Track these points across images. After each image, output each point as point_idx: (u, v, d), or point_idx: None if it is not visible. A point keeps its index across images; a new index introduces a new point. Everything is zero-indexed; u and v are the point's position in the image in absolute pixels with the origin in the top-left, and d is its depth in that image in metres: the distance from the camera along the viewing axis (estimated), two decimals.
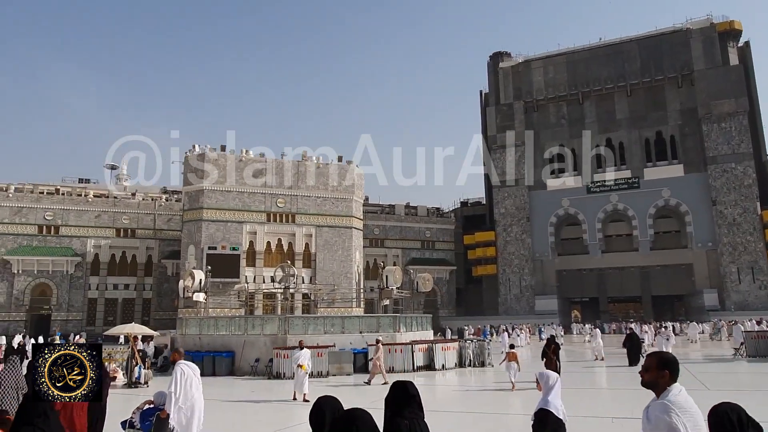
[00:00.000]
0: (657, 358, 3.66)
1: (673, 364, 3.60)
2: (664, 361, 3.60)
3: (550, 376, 4.99)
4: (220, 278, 46.00)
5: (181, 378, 7.91)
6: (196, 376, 8.13)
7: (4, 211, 57.15)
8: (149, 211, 62.70)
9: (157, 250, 62.07)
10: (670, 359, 3.64)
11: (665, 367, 3.56)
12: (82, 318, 58.36)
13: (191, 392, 7.95)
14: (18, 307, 56.15)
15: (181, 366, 8.12)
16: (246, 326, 24.82)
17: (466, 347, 24.62)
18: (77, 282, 58.81)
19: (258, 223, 53.84)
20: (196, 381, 8.11)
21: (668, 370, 3.55)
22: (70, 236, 59.08)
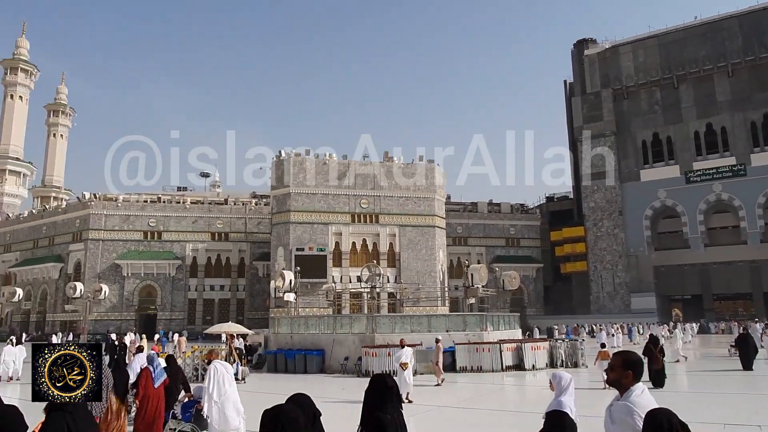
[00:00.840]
0: (621, 358, 3.68)
1: (636, 364, 3.61)
2: (628, 362, 3.62)
3: (563, 377, 4.87)
4: (308, 279, 47.41)
5: (214, 375, 8.66)
6: (228, 373, 8.89)
7: (114, 220, 62.29)
8: (240, 215, 65.90)
9: (249, 253, 65.08)
10: (634, 360, 3.64)
11: (629, 367, 3.58)
12: (184, 317, 62.35)
13: (224, 388, 8.66)
14: (128, 307, 61.01)
15: (215, 365, 8.90)
16: (335, 325, 25.39)
17: (557, 347, 23.76)
18: (178, 284, 62.93)
19: (343, 224, 54.99)
20: (228, 377, 8.84)
21: (632, 371, 3.58)
22: (171, 241, 63.35)
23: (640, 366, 3.65)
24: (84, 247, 61.60)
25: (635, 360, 3.67)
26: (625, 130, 68.65)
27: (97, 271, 60.35)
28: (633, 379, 3.60)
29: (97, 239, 61.44)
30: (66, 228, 65.34)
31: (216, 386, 8.55)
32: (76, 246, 63.01)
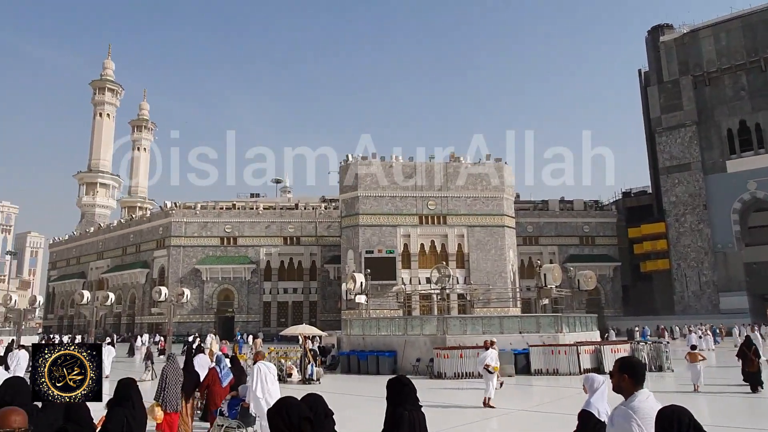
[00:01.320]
0: (619, 362, 3.71)
1: (632, 367, 3.60)
2: (623, 365, 3.63)
3: (596, 380, 4.98)
4: (378, 281, 47.74)
5: (257, 375, 9.45)
6: (271, 373, 9.67)
7: (193, 227, 65.50)
8: (311, 220, 67.46)
9: (320, 256, 66.49)
10: (629, 363, 3.66)
11: (624, 371, 3.58)
12: (260, 320, 64.56)
13: (267, 386, 9.41)
14: (208, 310, 63.93)
15: (259, 365, 9.65)
16: (406, 327, 25.42)
17: (639, 349, 22.63)
18: (254, 287, 65.26)
19: (411, 226, 55.05)
20: (271, 377, 9.61)
21: (627, 374, 3.56)
22: (246, 246, 65.82)
23: (635, 368, 3.62)
24: (167, 254, 65.19)
25: (630, 363, 3.69)
26: (708, 119, 64.49)
27: (179, 276, 63.66)
28: (631, 382, 3.58)
29: (178, 246, 64.85)
30: (150, 236, 69.42)
31: (260, 385, 9.31)
32: (159, 252, 66.79)
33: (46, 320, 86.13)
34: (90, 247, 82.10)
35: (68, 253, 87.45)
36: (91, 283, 77.10)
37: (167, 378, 9.38)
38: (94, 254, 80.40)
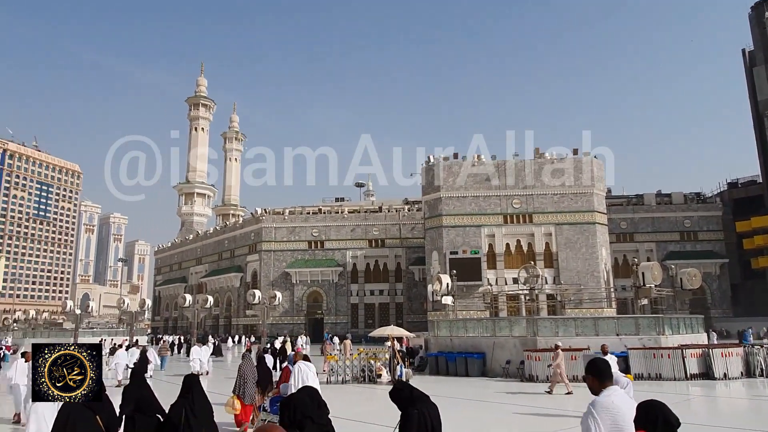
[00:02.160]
0: (587, 365, 4.06)
1: (596, 368, 3.92)
2: (588, 367, 4.00)
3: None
4: (463, 282, 47.18)
5: (298, 373, 10.29)
6: (311, 371, 10.52)
7: (282, 232, 68.11)
8: (394, 222, 67.99)
9: (405, 258, 66.85)
10: (593, 364, 3.97)
11: (589, 372, 3.95)
12: (348, 321, 65.91)
13: (308, 384, 9.95)
14: (298, 312, 66.18)
15: (299, 365, 10.57)
16: (494, 328, 24.95)
17: (754, 353, 20.76)
18: (341, 289, 66.74)
19: (495, 225, 53.99)
20: (311, 375, 10.42)
21: (591, 375, 3.91)
22: (333, 249, 67.49)
23: (599, 368, 3.94)
24: (258, 258, 68.23)
25: (595, 365, 3.99)
26: None
27: (270, 279, 66.40)
28: (598, 381, 3.90)
29: (269, 250, 67.68)
30: (243, 241, 72.98)
31: (301, 383, 9.93)
32: (252, 257, 70.04)
33: (154, 322, 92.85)
34: (190, 254, 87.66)
35: (171, 259, 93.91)
36: (191, 286, 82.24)
37: (245, 374, 11.16)
38: (194, 260, 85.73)
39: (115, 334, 49.15)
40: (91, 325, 76.50)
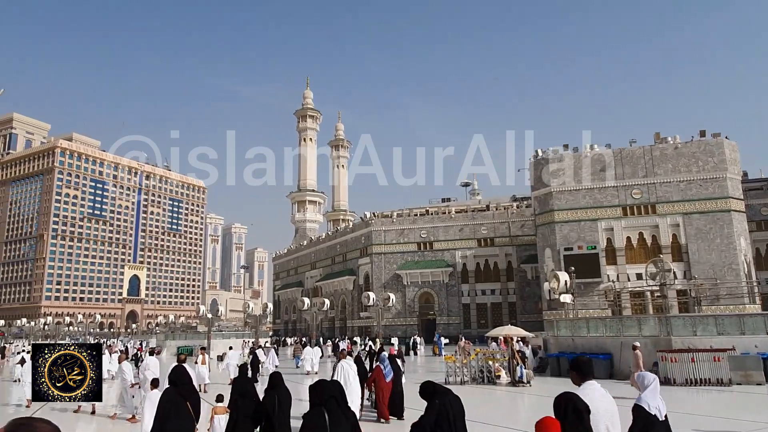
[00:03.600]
0: (571, 362, 4.52)
1: (579, 364, 4.41)
2: (572, 364, 4.48)
3: (647, 377, 5.47)
4: (580, 279, 44.98)
5: (341, 372, 11.46)
6: (351, 369, 11.66)
7: (391, 234, 69.11)
8: (503, 220, 66.40)
9: (515, 256, 65.03)
10: (576, 361, 4.44)
11: (572, 368, 4.42)
12: (460, 321, 65.34)
13: (349, 381, 11.30)
14: (411, 313, 66.74)
15: (341, 364, 11.67)
16: (620, 327, 23.43)
17: None
18: (452, 290, 66.35)
19: (613, 218, 50.85)
20: (352, 374, 11.56)
21: (575, 371, 4.40)
22: (442, 249, 67.31)
23: (581, 365, 4.45)
24: (370, 261, 69.76)
25: (577, 362, 4.47)
26: None
27: (382, 281, 67.61)
28: (579, 376, 4.39)
29: (379, 253, 68.97)
30: (354, 245, 75.04)
31: (344, 379, 11.01)
32: (363, 260, 71.78)
33: (275, 325, 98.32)
34: (305, 259, 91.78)
35: (288, 265, 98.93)
36: (308, 290, 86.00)
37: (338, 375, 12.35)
38: (308, 264, 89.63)
39: (241, 337, 52.58)
40: (221, 328, 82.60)
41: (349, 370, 11.48)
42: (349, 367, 11.58)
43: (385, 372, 12.44)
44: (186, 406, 6.58)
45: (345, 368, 11.50)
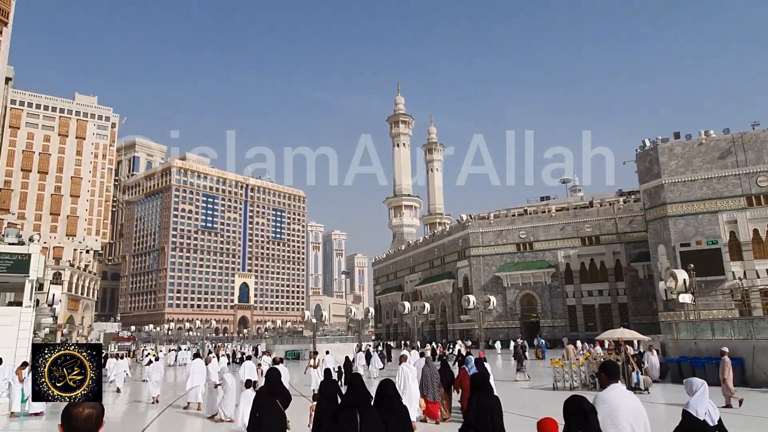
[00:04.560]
0: (601, 366, 4.93)
1: (609, 367, 4.78)
2: (601, 367, 4.88)
3: (695, 383, 5.72)
4: (700, 277, 41.44)
5: (401, 374, 12.43)
6: (411, 372, 12.52)
7: (489, 236, 67.79)
8: (609, 216, 62.87)
9: (624, 254, 61.27)
10: (605, 364, 4.85)
11: (602, 370, 4.83)
12: (565, 324, 62.61)
13: (408, 383, 12.27)
14: (512, 315, 64.99)
15: (402, 366, 12.73)
16: (751, 329, 21.21)
17: None
18: (555, 291, 63.77)
19: (736, 210, 46.39)
20: (411, 376, 12.43)
21: (604, 373, 4.77)
22: (543, 250, 64.98)
23: (611, 368, 4.73)
24: (468, 263, 68.87)
25: (606, 364, 4.81)
26: None
27: (481, 284, 66.46)
28: (607, 377, 4.68)
29: (477, 255, 67.90)
30: (452, 248, 74.46)
31: (403, 381, 12.04)
32: (462, 263, 71.01)
33: (377, 329, 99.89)
34: (403, 263, 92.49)
35: (387, 270, 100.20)
36: (407, 294, 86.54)
37: (427, 376, 13.16)
38: (407, 269, 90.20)
39: (345, 341, 53.88)
40: (325, 332, 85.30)
41: (408, 373, 12.28)
42: (409, 370, 12.38)
43: (470, 374, 12.75)
44: (276, 404, 7.64)
45: (405, 371, 12.35)
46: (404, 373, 12.33)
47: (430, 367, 13.48)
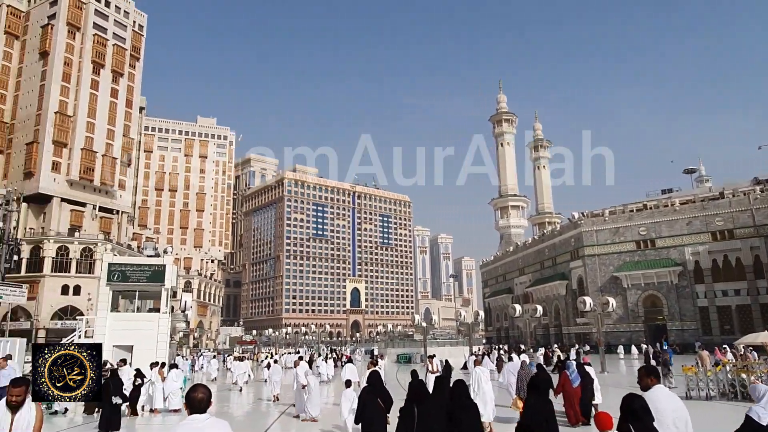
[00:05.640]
0: (644, 369, 5.30)
1: (654, 371, 5.25)
2: (648, 370, 5.26)
3: (758, 388, 5.97)
4: None
5: (474, 376, 12.82)
6: (483, 375, 12.84)
7: (604, 234, 64.01)
8: (744, 208, 56.89)
9: (764, 249, 55.06)
10: (652, 368, 5.31)
11: (649, 373, 5.20)
12: (697, 327, 57.44)
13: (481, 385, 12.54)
14: (635, 318, 60.77)
15: (476, 369, 13.13)
16: None
17: None
18: (683, 291, 58.77)
19: None
20: (484, 378, 12.74)
21: (653, 376, 5.18)
22: (667, 247, 60.21)
23: (655, 371, 5.28)
24: (582, 264, 65.50)
25: (652, 368, 5.33)
26: None
27: (598, 285, 62.89)
28: (649, 380, 5.15)
29: (592, 255, 64.39)
30: (563, 248, 71.27)
31: (477, 384, 12.47)
32: (575, 263, 67.71)
33: (487, 332, 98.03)
34: (512, 265, 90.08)
35: (495, 272, 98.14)
36: (518, 297, 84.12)
37: (522, 378, 13.82)
38: (516, 270, 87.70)
39: (455, 344, 53.40)
40: (435, 336, 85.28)
41: (481, 375, 12.83)
42: (482, 372, 12.98)
43: (572, 378, 13.25)
44: (377, 402, 8.66)
45: (478, 373, 12.91)
46: (477, 376, 12.91)
47: (525, 370, 14.74)
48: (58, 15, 79.18)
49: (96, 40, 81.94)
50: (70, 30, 79.89)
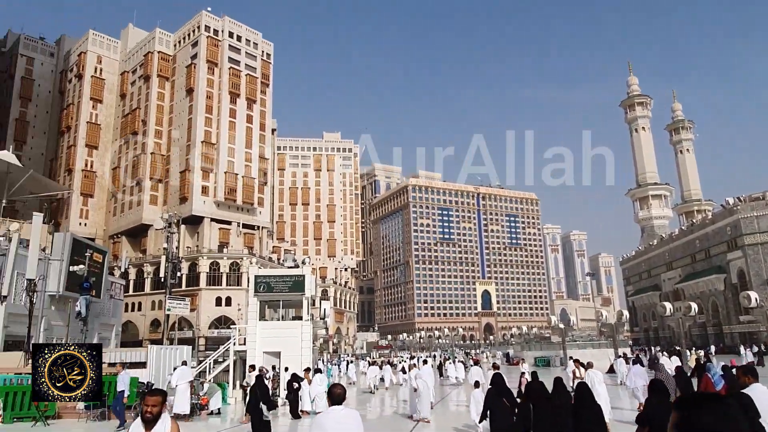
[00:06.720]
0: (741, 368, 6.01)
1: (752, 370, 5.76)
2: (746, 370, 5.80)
3: None
4: None
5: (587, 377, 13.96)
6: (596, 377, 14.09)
7: (766, 220, 56.64)
8: None
9: None
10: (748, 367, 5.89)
11: (747, 372, 5.70)
12: None
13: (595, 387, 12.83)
14: None
15: (589, 371, 14.54)
16: None
17: None
18: None
19: None
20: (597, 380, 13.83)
21: (750, 375, 5.62)
22: None
23: (754, 371, 5.75)
24: (742, 254, 58.52)
25: (748, 367, 5.90)
26: None
27: (764, 278, 55.76)
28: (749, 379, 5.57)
29: (754, 243, 57.29)
30: (717, 238, 64.24)
31: (591, 385, 12.38)
32: (733, 254, 60.68)
33: (633, 333, 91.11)
34: (657, 259, 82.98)
35: (638, 268, 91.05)
36: (666, 294, 77.22)
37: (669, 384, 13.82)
38: (663, 265, 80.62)
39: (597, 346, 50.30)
40: (575, 337, 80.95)
41: (594, 378, 13.83)
42: (594, 375, 14.10)
43: (714, 380, 13.12)
44: (503, 401, 9.60)
45: (590, 376, 13.98)
46: (590, 378, 13.78)
47: (662, 372, 15.54)
48: (198, 54, 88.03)
49: (231, 73, 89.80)
50: (210, 66, 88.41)
